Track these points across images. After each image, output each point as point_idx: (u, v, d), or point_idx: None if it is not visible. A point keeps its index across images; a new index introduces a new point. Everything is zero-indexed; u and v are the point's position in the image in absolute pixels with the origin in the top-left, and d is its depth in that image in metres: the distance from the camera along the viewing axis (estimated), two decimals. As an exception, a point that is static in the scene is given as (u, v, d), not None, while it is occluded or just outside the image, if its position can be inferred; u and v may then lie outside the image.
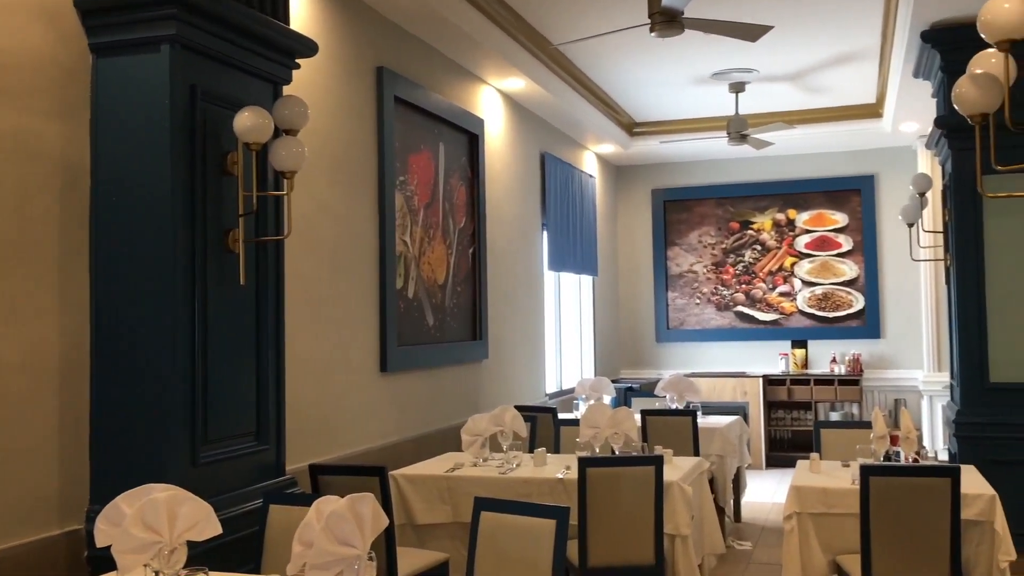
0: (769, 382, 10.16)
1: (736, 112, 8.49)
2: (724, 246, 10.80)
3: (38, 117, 3.28)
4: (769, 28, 5.61)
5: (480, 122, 6.92)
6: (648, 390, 8.27)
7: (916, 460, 4.49)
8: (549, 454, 5.19)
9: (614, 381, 8.95)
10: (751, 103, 8.72)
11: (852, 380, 9.98)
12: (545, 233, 8.41)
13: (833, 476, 4.55)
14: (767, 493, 8.39)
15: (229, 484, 3.62)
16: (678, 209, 10.97)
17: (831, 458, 5.12)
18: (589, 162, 9.94)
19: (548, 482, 4.65)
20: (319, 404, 4.81)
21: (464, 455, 5.11)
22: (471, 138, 6.83)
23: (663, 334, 10.93)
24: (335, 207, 5.03)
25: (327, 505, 2.33)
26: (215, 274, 3.60)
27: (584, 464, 4.31)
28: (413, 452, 5.58)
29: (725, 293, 10.77)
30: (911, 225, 6.81)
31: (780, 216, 10.63)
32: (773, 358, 10.41)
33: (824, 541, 4.31)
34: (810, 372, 10.21)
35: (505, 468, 4.84)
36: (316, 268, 4.83)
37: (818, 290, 10.48)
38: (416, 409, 5.87)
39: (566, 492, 4.52)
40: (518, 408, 5.30)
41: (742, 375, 10.25)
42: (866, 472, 3.96)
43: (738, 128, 8.38)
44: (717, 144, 9.33)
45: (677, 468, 4.73)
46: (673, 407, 6.89)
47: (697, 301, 10.86)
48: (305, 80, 4.53)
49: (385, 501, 3.96)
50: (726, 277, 10.78)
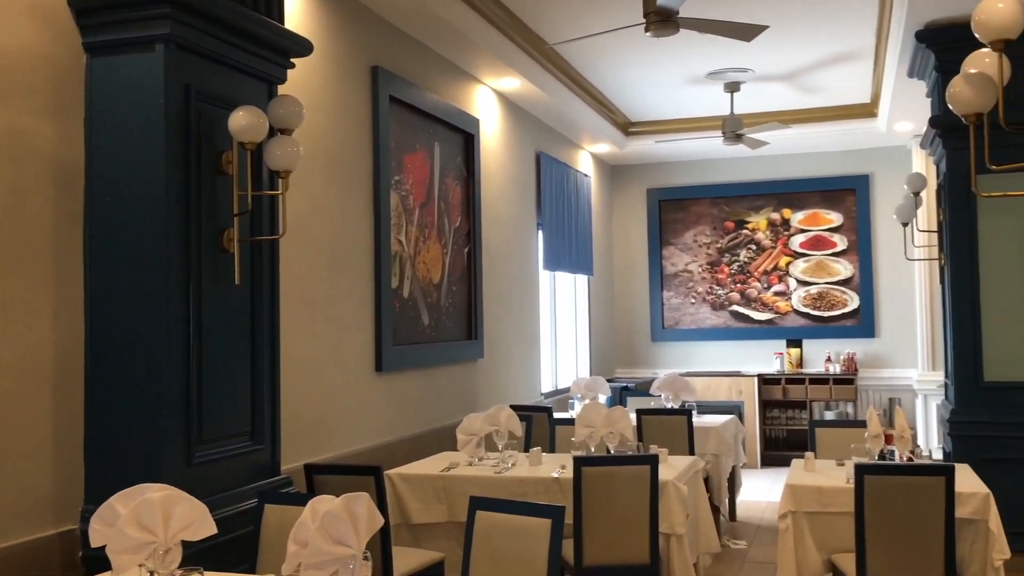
0: (764, 381, 10.18)
1: (731, 112, 8.49)
2: (719, 245, 10.81)
3: (32, 116, 3.27)
4: (764, 28, 5.62)
5: (475, 121, 6.92)
6: (643, 389, 8.28)
7: (910, 459, 4.51)
8: (544, 453, 5.19)
9: (609, 380, 8.97)
10: (746, 103, 8.73)
11: (847, 379, 9.99)
12: (540, 232, 8.42)
13: (828, 475, 4.56)
14: (762, 492, 8.40)
15: (224, 484, 3.61)
16: (673, 208, 10.98)
17: (826, 457, 5.13)
18: (584, 161, 9.94)
19: (543, 481, 4.65)
20: (314, 404, 4.81)
21: (459, 454, 5.11)
22: (466, 137, 6.83)
23: (658, 333, 10.94)
24: (330, 206, 5.02)
25: (322, 505, 2.33)
26: (210, 274, 3.59)
27: (579, 463, 4.31)
28: (408, 451, 5.58)
29: (720, 292, 10.78)
30: (906, 224, 6.82)
31: (775, 215, 10.64)
32: (768, 357, 10.42)
33: (819, 540, 4.32)
34: (805, 371, 10.22)
35: (500, 467, 4.84)
36: (311, 268, 4.83)
37: (813, 289, 10.50)
38: (411, 408, 5.86)
39: (561, 491, 4.52)
40: (513, 407, 5.31)
41: (737, 374, 10.27)
42: (861, 471, 3.97)
43: (733, 128, 8.38)
44: (712, 144, 9.34)
45: (672, 467, 4.73)
46: (668, 406, 6.89)
47: (692, 300, 10.87)
48: (300, 79, 4.52)
49: (380, 501, 3.96)
50: (721, 276, 10.79)
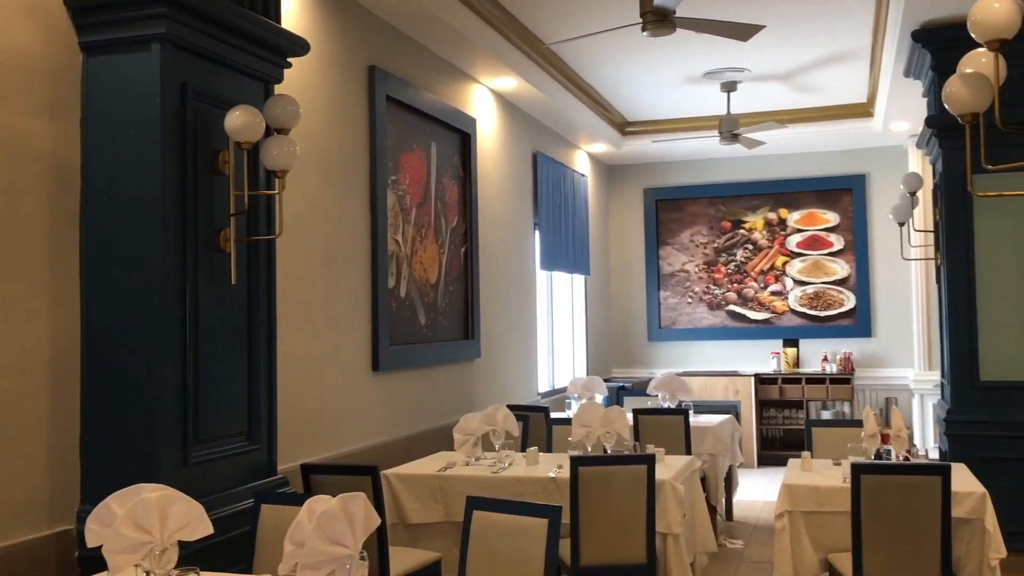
0: (761, 381, 10.19)
1: (728, 111, 8.50)
2: (716, 245, 10.82)
3: (28, 116, 3.27)
4: (760, 28, 5.62)
5: (472, 121, 6.92)
6: (640, 389, 8.28)
7: (907, 458, 4.51)
8: (541, 453, 5.19)
9: (606, 380, 8.96)
10: (743, 102, 8.74)
11: (843, 379, 10.00)
12: (537, 232, 8.42)
13: (824, 474, 4.56)
14: (759, 491, 8.40)
15: (220, 484, 3.61)
16: (670, 208, 10.98)
17: (822, 456, 5.13)
18: (581, 161, 9.94)
19: (540, 481, 4.65)
20: (311, 403, 4.80)
21: (456, 454, 5.11)
22: (463, 137, 6.83)
23: (655, 333, 10.95)
24: (327, 206, 5.02)
25: (319, 504, 2.33)
26: (206, 273, 3.59)
27: (576, 463, 4.31)
28: (405, 451, 5.58)
29: (717, 292, 10.79)
30: (902, 224, 6.83)
31: (772, 215, 10.65)
32: (765, 357, 10.43)
33: (815, 539, 4.32)
34: (801, 371, 10.23)
35: (497, 467, 4.84)
36: (308, 267, 4.82)
37: (809, 289, 10.51)
38: (408, 408, 5.86)
39: (558, 491, 4.52)
40: (510, 407, 5.30)
41: (734, 374, 10.27)
42: (857, 470, 3.98)
43: (730, 127, 8.39)
44: (709, 143, 9.34)
45: (669, 467, 4.74)
46: (665, 406, 6.89)
47: (689, 300, 10.88)
48: (297, 79, 4.52)
49: (377, 500, 3.96)
50: (718, 276, 10.80)
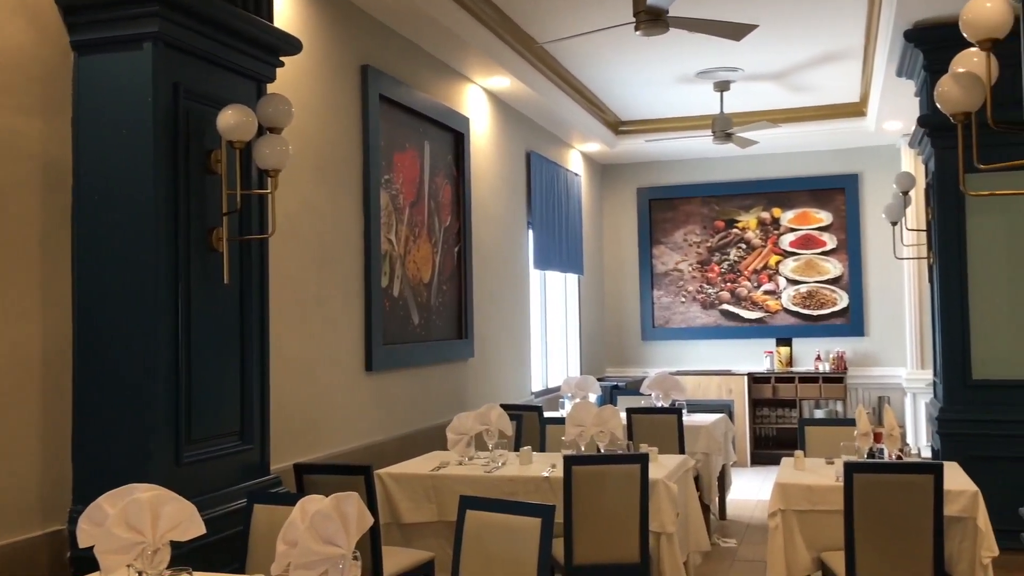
0: (754, 380, 10.20)
1: (721, 111, 8.51)
2: (709, 244, 10.83)
3: (19, 115, 3.26)
4: (754, 27, 5.63)
5: (465, 120, 6.91)
6: (633, 388, 8.29)
7: (899, 457, 4.52)
8: (535, 452, 5.19)
9: (600, 379, 8.95)
10: (736, 102, 8.74)
11: (836, 378, 10.02)
12: (531, 232, 8.41)
13: (817, 473, 4.57)
14: (752, 490, 8.42)
15: (213, 484, 3.60)
16: (663, 208, 10.99)
17: (815, 455, 5.14)
18: (575, 160, 9.94)
19: (534, 480, 4.65)
20: (304, 403, 4.79)
21: (450, 454, 5.11)
22: (456, 136, 6.82)
23: (648, 332, 10.95)
24: (320, 205, 5.01)
25: (312, 504, 2.33)
26: (199, 273, 3.58)
27: (570, 462, 4.31)
28: (398, 451, 5.57)
29: (710, 291, 10.80)
30: (895, 223, 6.84)
31: (765, 215, 10.67)
32: (758, 356, 10.44)
33: (808, 538, 4.33)
34: (795, 370, 10.25)
35: (491, 467, 4.84)
36: (301, 267, 4.82)
37: (803, 288, 10.53)
38: (401, 408, 5.86)
39: (552, 490, 4.52)
40: (504, 406, 5.30)
41: (727, 373, 10.29)
42: (850, 469, 3.99)
43: (723, 127, 8.40)
44: (702, 143, 9.35)
45: (662, 466, 4.74)
46: (658, 405, 6.90)
47: (682, 299, 10.89)
48: (289, 78, 4.51)
49: (370, 500, 3.95)
50: (711, 275, 10.81)
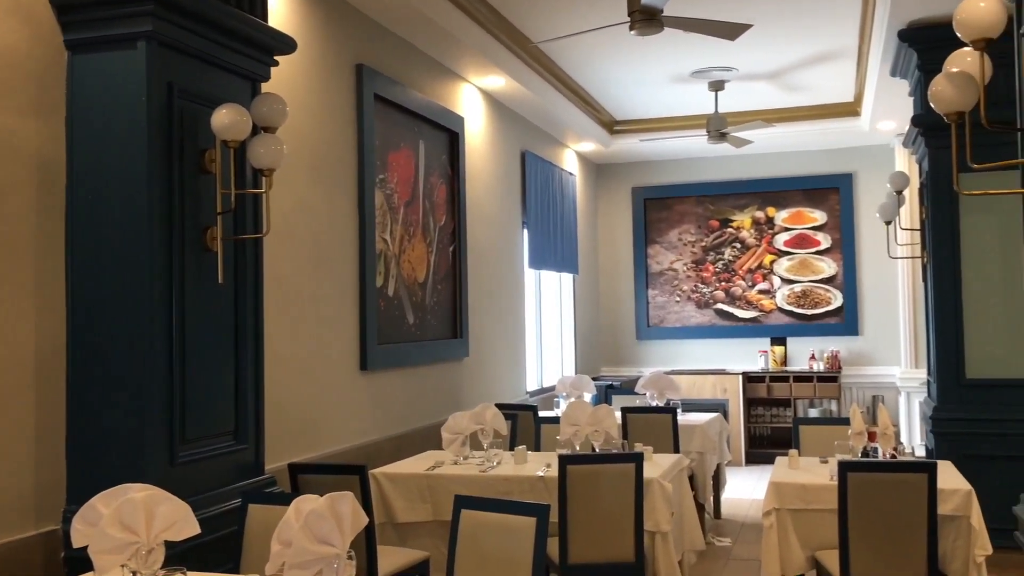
0: (749, 379, 10.22)
1: (716, 110, 8.52)
2: (704, 244, 10.84)
3: (13, 115, 3.25)
4: (748, 27, 5.64)
5: (460, 120, 6.91)
6: (628, 388, 8.29)
7: (893, 456, 4.53)
8: (530, 452, 5.19)
9: (594, 379, 8.98)
10: (730, 101, 8.75)
11: (831, 377, 10.04)
12: (526, 231, 8.42)
13: (812, 472, 4.58)
14: (747, 489, 8.43)
15: (207, 484, 3.60)
16: (658, 207, 11.00)
17: (810, 454, 5.15)
18: (569, 160, 9.94)
19: (528, 480, 4.65)
20: (298, 403, 4.79)
21: (444, 453, 5.11)
22: (451, 136, 6.82)
23: (643, 332, 10.96)
24: (314, 205, 5.00)
25: (306, 504, 2.32)
26: (193, 272, 3.57)
27: (564, 462, 4.32)
28: (393, 450, 5.57)
29: (705, 291, 10.81)
30: (888, 223, 6.86)
31: (759, 214, 10.68)
32: (752, 355, 10.46)
33: (803, 537, 4.33)
34: (789, 369, 10.27)
35: (485, 466, 4.84)
36: (295, 266, 4.81)
37: (797, 287, 10.54)
38: (396, 407, 5.85)
39: (546, 490, 4.52)
40: (499, 406, 5.30)
41: (722, 372, 10.30)
42: (844, 468, 3.99)
43: (717, 126, 8.41)
44: (697, 142, 9.36)
45: (657, 465, 4.74)
46: (653, 404, 6.90)
47: (677, 299, 10.90)
48: (284, 77, 4.50)
49: (365, 500, 3.95)
50: (706, 275, 10.82)
